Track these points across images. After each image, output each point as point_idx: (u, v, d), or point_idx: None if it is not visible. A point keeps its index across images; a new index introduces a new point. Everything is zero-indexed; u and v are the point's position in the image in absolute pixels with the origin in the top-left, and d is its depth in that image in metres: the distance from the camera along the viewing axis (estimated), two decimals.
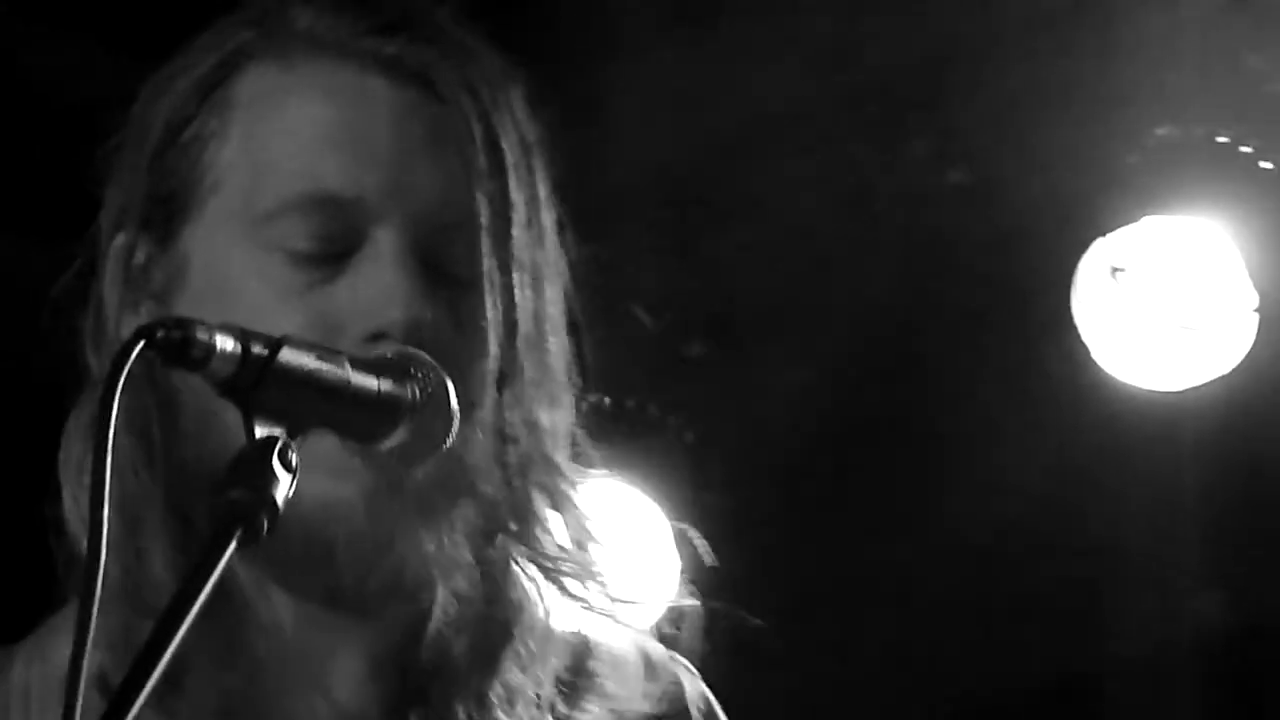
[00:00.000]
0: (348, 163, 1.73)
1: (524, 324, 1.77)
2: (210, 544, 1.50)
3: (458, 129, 1.72)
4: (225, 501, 1.52)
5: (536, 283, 1.79)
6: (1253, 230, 3.52)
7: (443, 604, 1.80)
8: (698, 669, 1.89)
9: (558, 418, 1.81)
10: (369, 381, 1.62)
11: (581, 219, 1.80)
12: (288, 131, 1.74)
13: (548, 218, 1.80)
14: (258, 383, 1.55)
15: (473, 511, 1.79)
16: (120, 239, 1.75)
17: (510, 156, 1.74)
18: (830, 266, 3.73)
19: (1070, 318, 3.60)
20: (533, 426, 1.77)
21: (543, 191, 1.80)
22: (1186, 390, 3.62)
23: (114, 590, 1.65)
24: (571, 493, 1.83)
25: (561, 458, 1.83)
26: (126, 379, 1.56)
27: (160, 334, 1.49)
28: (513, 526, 1.84)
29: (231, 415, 1.56)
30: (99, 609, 1.43)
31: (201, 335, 1.50)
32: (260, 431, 1.55)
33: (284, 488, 1.54)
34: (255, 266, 1.75)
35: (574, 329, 1.84)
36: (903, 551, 3.94)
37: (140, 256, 1.76)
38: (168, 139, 1.76)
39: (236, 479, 1.52)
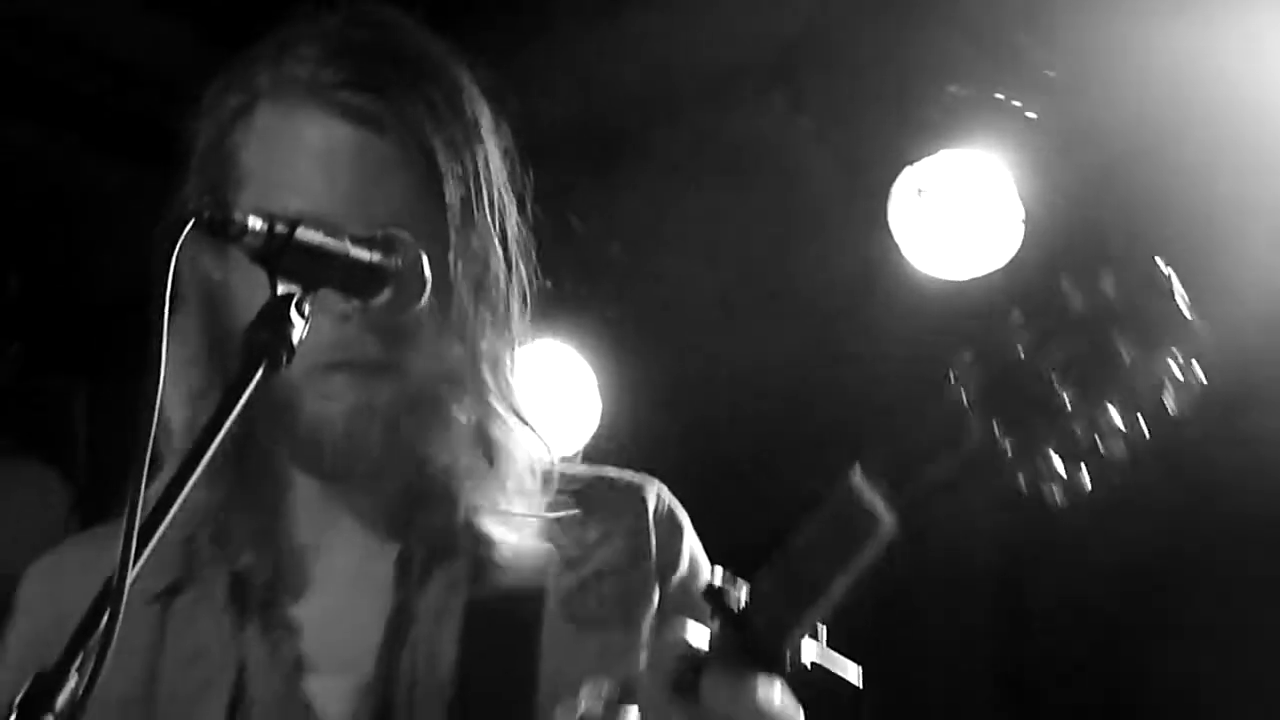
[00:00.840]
0: (319, 188, 2.06)
1: (460, 286, 2.10)
2: (239, 376, 1.76)
3: (401, 158, 2.05)
4: (253, 341, 1.78)
5: (473, 250, 2.13)
6: (1020, 162, 4.10)
7: (424, 474, 2.14)
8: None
9: (498, 330, 2.16)
10: (363, 253, 1.88)
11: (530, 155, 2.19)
12: (282, 161, 2.07)
13: (490, 185, 2.15)
14: (280, 252, 1.81)
15: (445, 391, 2.15)
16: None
17: (445, 167, 2.08)
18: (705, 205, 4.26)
19: (887, 223, 4.21)
20: (477, 332, 2.12)
21: (482, 166, 2.14)
22: (970, 279, 4.17)
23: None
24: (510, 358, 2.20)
25: (502, 337, 2.18)
26: (189, 267, 2.01)
27: (206, 214, 1.76)
28: (473, 390, 2.17)
29: (262, 293, 1.82)
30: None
31: (237, 216, 1.78)
32: (281, 289, 1.81)
33: (299, 331, 1.81)
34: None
35: (532, 234, 2.20)
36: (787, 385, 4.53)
37: None
38: (216, 142, 2.12)
39: (263, 324, 1.78)
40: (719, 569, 1.79)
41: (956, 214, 4.18)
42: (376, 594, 2.20)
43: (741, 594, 1.74)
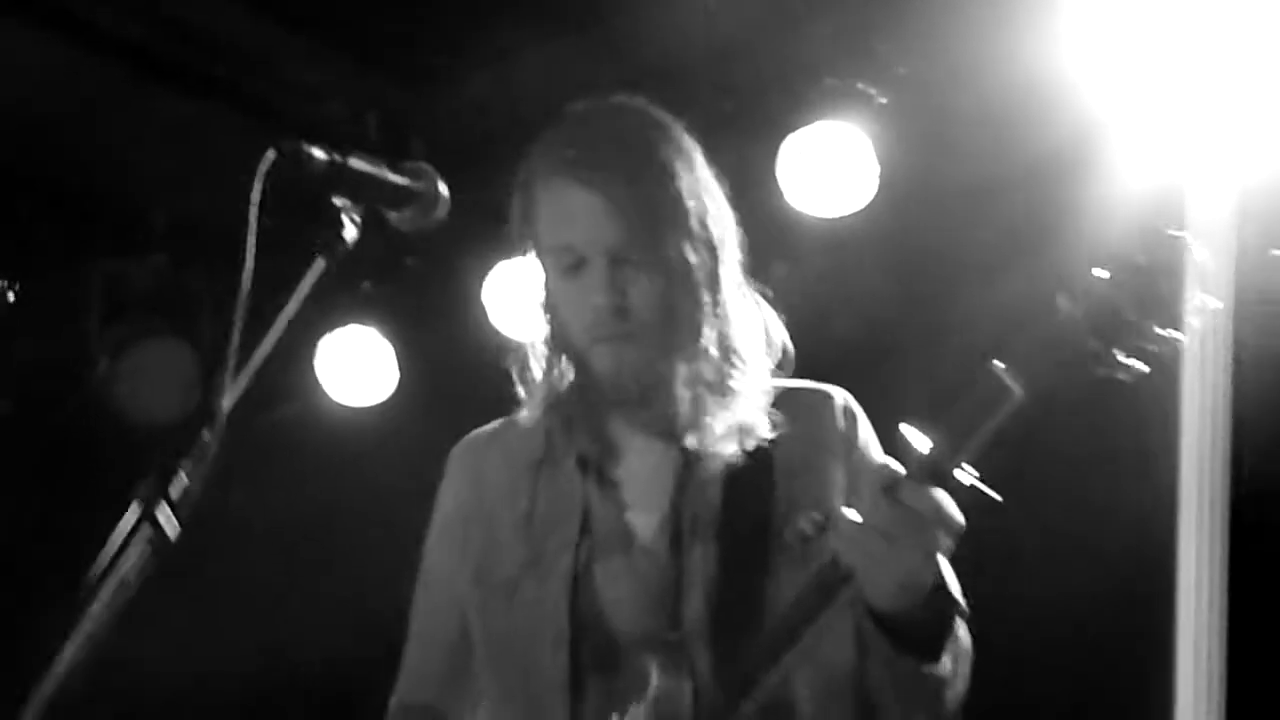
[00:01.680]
0: (563, 230, 2.57)
1: (675, 280, 2.56)
2: (303, 267, 2.11)
3: (618, 207, 2.50)
4: (313, 238, 2.12)
5: (671, 263, 2.57)
6: (877, 132, 4.64)
7: (675, 398, 2.62)
8: None
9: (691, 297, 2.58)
10: (396, 178, 2.26)
11: None
12: (548, 218, 2.57)
13: (676, 217, 2.57)
14: (338, 175, 2.16)
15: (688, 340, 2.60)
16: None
17: (641, 219, 2.52)
18: None
19: (774, 174, 4.71)
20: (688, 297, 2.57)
21: (669, 209, 2.56)
22: (842, 216, 4.73)
23: None
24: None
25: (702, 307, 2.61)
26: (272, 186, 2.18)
27: (284, 149, 2.09)
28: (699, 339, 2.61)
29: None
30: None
31: (305, 149, 2.11)
32: (337, 202, 2.14)
33: (350, 231, 2.16)
34: (542, 269, 2.64)
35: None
36: None
37: None
38: (522, 206, 2.64)
39: (321, 225, 2.14)
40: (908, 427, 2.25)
41: (828, 169, 4.74)
42: (667, 467, 2.68)
43: (920, 440, 2.21)
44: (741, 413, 2.67)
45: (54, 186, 5.26)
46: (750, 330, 2.71)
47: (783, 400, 2.74)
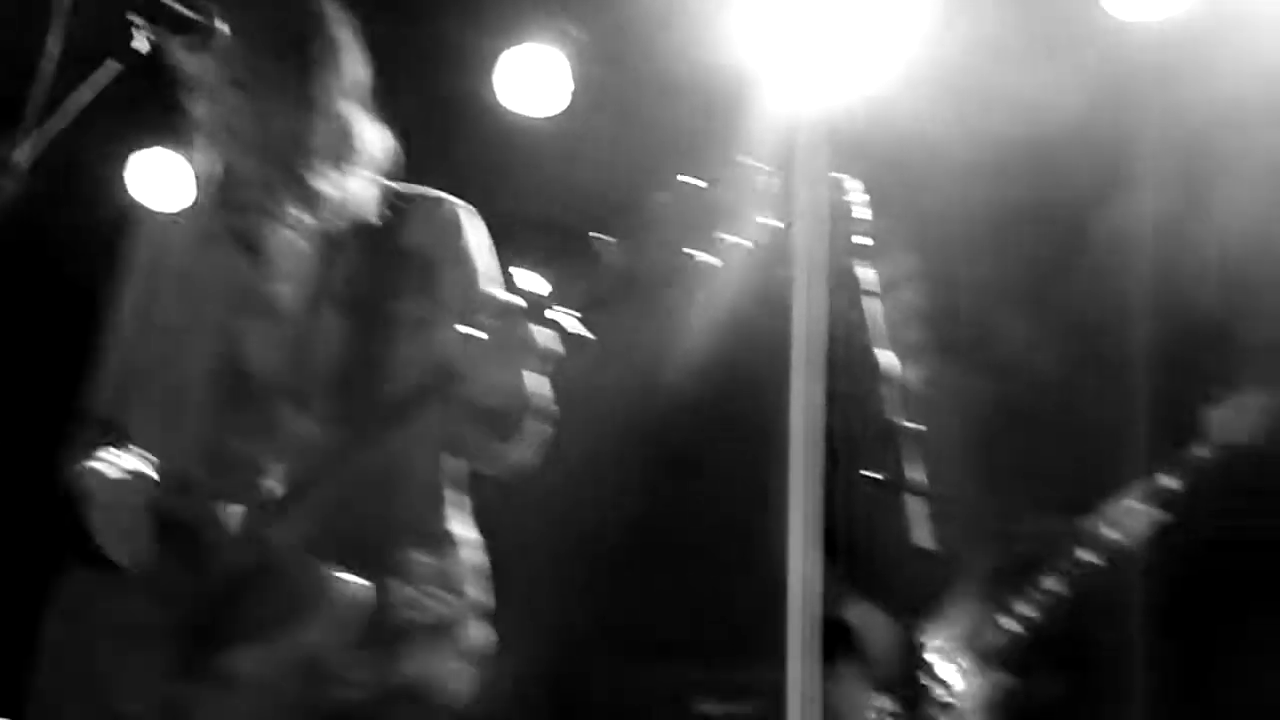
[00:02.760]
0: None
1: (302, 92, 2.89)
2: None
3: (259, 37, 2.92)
4: (108, 46, 2.49)
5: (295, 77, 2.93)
6: (569, 54, 5.49)
7: None
8: None
9: None
10: (187, 11, 2.64)
11: None
12: None
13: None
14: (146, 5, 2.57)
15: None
16: None
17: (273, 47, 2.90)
18: None
19: (487, 94, 5.55)
20: None
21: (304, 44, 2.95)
22: (543, 117, 5.53)
23: None
24: None
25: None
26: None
27: None
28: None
29: None
30: None
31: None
32: (132, 17, 2.54)
33: (141, 43, 2.55)
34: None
35: None
36: None
37: None
38: None
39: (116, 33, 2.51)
40: None
41: (537, 78, 5.55)
42: (307, 243, 3.00)
43: None
44: (366, 202, 2.97)
45: None
46: (371, 138, 3.03)
47: (407, 199, 3.05)
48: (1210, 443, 4.60)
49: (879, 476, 3.83)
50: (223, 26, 2.66)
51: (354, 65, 2.99)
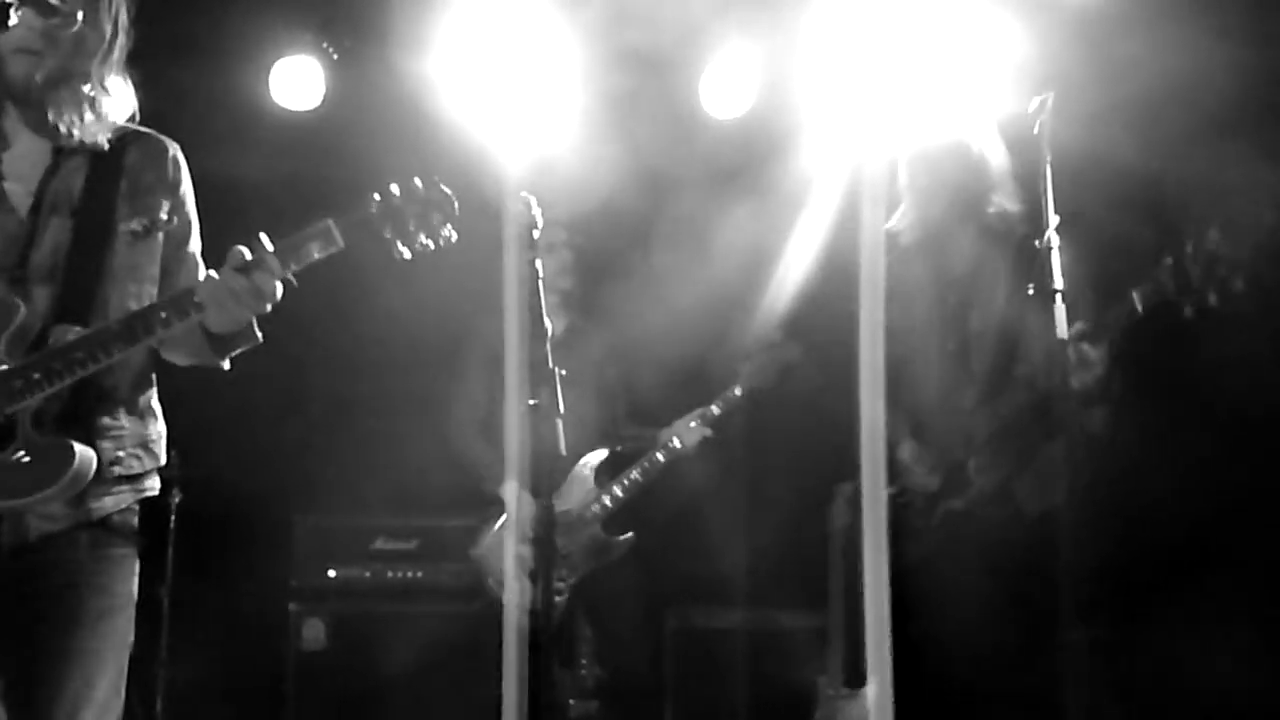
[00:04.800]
0: None
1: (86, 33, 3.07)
2: None
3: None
4: None
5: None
6: (327, 65, 6.76)
7: None
8: None
9: None
10: None
11: None
12: None
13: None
14: None
15: None
16: None
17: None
18: None
19: (269, 83, 6.67)
20: None
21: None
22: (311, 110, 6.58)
23: None
24: None
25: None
26: None
27: None
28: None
29: None
30: None
31: None
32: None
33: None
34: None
35: None
36: None
37: None
38: None
39: None
40: None
41: (304, 84, 6.61)
42: (40, 154, 3.13)
43: None
44: (101, 130, 3.12)
45: None
46: (119, 90, 3.23)
47: (137, 136, 3.22)
48: (743, 386, 6.22)
49: (535, 402, 4.46)
50: None
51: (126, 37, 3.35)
